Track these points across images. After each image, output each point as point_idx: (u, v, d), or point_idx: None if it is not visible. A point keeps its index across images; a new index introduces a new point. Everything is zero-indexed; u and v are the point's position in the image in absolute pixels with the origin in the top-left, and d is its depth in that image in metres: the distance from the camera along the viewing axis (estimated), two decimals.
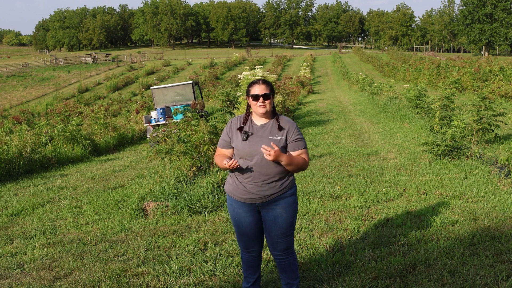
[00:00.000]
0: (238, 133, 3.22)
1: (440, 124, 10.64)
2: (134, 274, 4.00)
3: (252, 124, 3.23)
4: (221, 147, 3.32)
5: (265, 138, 3.15)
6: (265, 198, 3.17)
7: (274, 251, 3.33)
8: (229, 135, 3.27)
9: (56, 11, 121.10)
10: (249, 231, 3.30)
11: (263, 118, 3.23)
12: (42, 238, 5.22)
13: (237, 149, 3.20)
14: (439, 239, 4.42)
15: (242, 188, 3.19)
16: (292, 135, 3.18)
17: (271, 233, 3.25)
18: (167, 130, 8.55)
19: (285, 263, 3.33)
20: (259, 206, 3.23)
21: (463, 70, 24.99)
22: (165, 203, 5.91)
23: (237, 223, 3.31)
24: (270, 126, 3.20)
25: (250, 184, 3.16)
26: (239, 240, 3.39)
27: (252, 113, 3.27)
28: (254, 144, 3.14)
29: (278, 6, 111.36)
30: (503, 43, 72.66)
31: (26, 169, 9.71)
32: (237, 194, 3.22)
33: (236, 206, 3.27)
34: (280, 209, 3.20)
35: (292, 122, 3.24)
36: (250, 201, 3.20)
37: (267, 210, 3.22)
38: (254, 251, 3.38)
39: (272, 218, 3.22)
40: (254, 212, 3.26)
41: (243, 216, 3.26)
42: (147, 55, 78.13)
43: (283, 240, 3.26)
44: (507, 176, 6.52)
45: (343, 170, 7.71)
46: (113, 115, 25.13)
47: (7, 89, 51.12)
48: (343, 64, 51.70)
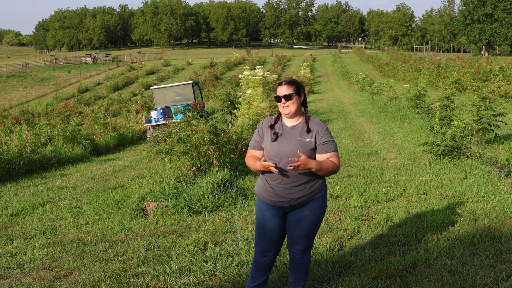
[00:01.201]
0: (268, 133, 3.19)
1: (440, 124, 10.64)
2: (134, 274, 4.00)
3: (282, 125, 3.21)
4: (253, 148, 3.28)
5: (294, 139, 3.12)
6: (293, 201, 3.15)
7: (291, 248, 3.32)
8: (260, 135, 3.24)
9: (56, 11, 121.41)
10: (272, 234, 3.26)
11: (292, 119, 3.20)
12: (42, 238, 5.22)
13: (266, 150, 3.18)
14: (439, 239, 4.42)
15: (270, 191, 3.16)
16: (321, 137, 3.15)
17: (294, 232, 3.24)
18: (167, 130, 8.54)
19: (299, 263, 3.33)
20: (287, 209, 3.21)
21: (463, 70, 24.98)
22: (165, 203, 5.91)
23: (261, 225, 3.28)
24: (300, 127, 3.17)
25: (278, 187, 3.13)
26: (258, 243, 3.34)
27: (282, 114, 3.26)
28: (282, 145, 3.11)
29: (278, 6, 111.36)
30: (503, 43, 72.68)
31: (26, 169, 9.71)
32: (266, 196, 3.20)
33: (264, 208, 3.24)
34: (307, 211, 3.18)
35: (322, 124, 3.21)
36: (278, 204, 3.18)
37: (294, 212, 3.21)
38: (269, 256, 3.34)
39: (297, 219, 3.20)
40: (281, 215, 3.23)
41: (269, 219, 3.23)
42: (147, 55, 78.14)
43: (304, 241, 3.26)
44: (507, 176, 6.53)
45: (343, 170, 7.71)
46: (113, 115, 25.15)
47: (7, 89, 51.12)
48: (343, 64, 51.67)
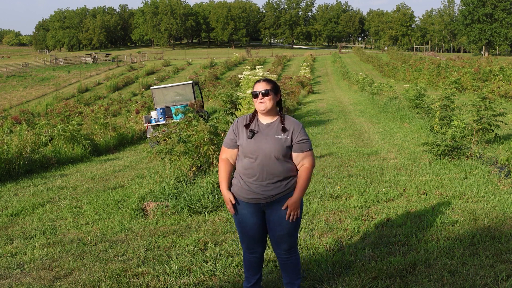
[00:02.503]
0: (244, 131, 3.20)
1: (440, 124, 10.64)
2: (134, 274, 4.00)
3: (258, 123, 3.22)
4: (227, 146, 3.30)
5: (271, 137, 3.14)
6: (270, 198, 3.15)
7: (277, 249, 3.33)
8: (235, 133, 3.25)
9: (56, 11, 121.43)
10: (253, 232, 3.28)
11: (268, 116, 3.21)
12: (42, 238, 5.22)
13: (242, 147, 3.19)
14: (439, 239, 4.41)
15: (246, 188, 3.17)
16: (297, 136, 3.15)
17: (275, 233, 3.24)
18: (167, 130, 8.55)
19: (287, 262, 3.33)
20: (264, 206, 3.21)
21: (463, 70, 24.98)
22: (165, 203, 5.91)
23: (240, 224, 3.29)
24: (276, 125, 3.19)
25: (255, 184, 3.14)
26: (242, 241, 3.37)
27: (258, 113, 3.27)
28: (259, 142, 3.13)
29: (278, 6, 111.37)
30: (503, 43, 72.68)
31: (26, 169, 9.71)
32: (242, 194, 3.20)
33: (241, 207, 3.25)
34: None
35: (298, 123, 3.21)
36: (255, 201, 3.18)
37: (272, 210, 3.20)
38: (256, 252, 3.37)
39: (277, 219, 3.20)
40: (259, 213, 3.24)
41: (248, 217, 3.24)
42: (147, 55, 78.13)
43: (287, 240, 3.26)
44: (507, 176, 6.52)
45: (343, 170, 7.70)
46: (113, 115, 25.15)
47: (7, 89, 51.12)
48: (343, 64, 51.67)
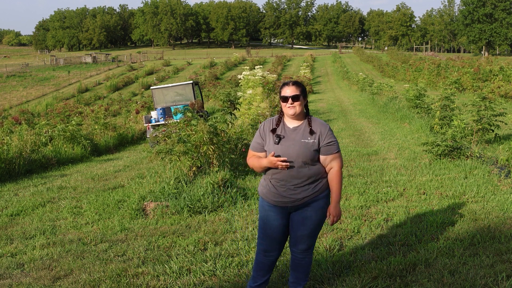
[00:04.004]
0: (270, 136, 3.16)
1: (440, 124, 10.64)
2: (134, 274, 4.00)
3: (284, 127, 3.17)
4: (254, 150, 3.25)
5: (297, 141, 3.09)
6: (298, 201, 3.14)
7: (294, 247, 3.32)
8: (263, 137, 3.20)
9: (56, 11, 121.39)
10: (275, 234, 3.26)
11: (294, 120, 3.17)
12: (42, 238, 5.22)
13: (269, 152, 3.14)
14: (439, 239, 4.42)
15: (274, 191, 3.15)
16: (324, 138, 3.11)
17: (297, 232, 3.24)
18: (167, 130, 8.54)
19: (300, 262, 3.33)
20: (291, 209, 3.20)
21: (463, 70, 24.98)
22: (165, 203, 5.91)
23: (264, 225, 3.27)
24: (302, 129, 3.14)
25: (283, 188, 3.12)
26: (261, 243, 3.33)
27: (284, 115, 3.22)
28: (286, 147, 3.08)
29: (278, 6, 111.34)
30: (503, 43, 72.68)
31: (26, 169, 9.70)
32: (270, 197, 3.18)
33: (267, 209, 3.23)
34: (310, 211, 3.17)
35: (325, 125, 3.17)
36: (282, 204, 3.16)
37: (298, 211, 3.20)
38: (272, 256, 3.33)
39: (300, 219, 3.20)
40: (284, 215, 3.23)
41: (273, 219, 3.22)
42: (147, 55, 78.12)
43: (307, 241, 3.26)
44: (507, 176, 6.52)
45: (343, 170, 7.69)
46: (113, 115, 25.16)
47: (7, 89, 51.12)
48: (343, 64, 51.66)
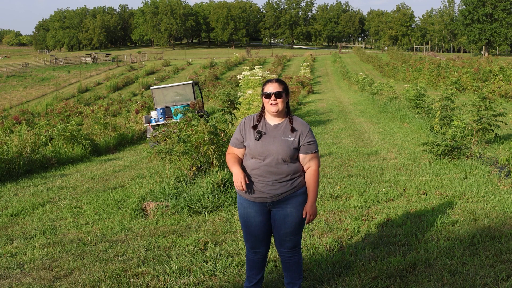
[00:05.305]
0: (251, 132, 3.19)
1: (440, 124, 10.64)
2: (134, 274, 4.00)
3: (265, 124, 3.20)
4: (234, 145, 3.29)
5: (278, 138, 3.13)
6: (276, 197, 3.15)
7: (280, 248, 3.33)
8: (242, 134, 3.24)
9: (56, 11, 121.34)
10: (258, 231, 3.28)
11: (276, 117, 3.20)
12: (42, 238, 5.22)
13: (249, 148, 3.17)
14: (439, 239, 4.42)
15: (253, 187, 3.17)
16: (305, 137, 3.15)
17: (280, 231, 3.24)
18: (167, 130, 8.54)
19: (290, 261, 3.33)
20: (270, 205, 3.21)
21: (463, 70, 24.99)
22: (165, 203, 5.91)
23: (246, 223, 3.29)
24: (283, 126, 3.17)
25: (261, 183, 3.14)
26: (246, 240, 3.37)
27: (265, 113, 3.24)
28: (266, 144, 3.12)
29: (278, 6, 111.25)
30: (503, 43, 72.62)
31: (26, 169, 9.70)
32: (248, 193, 3.20)
33: (246, 206, 3.25)
34: (290, 208, 3.19)
35: (305, 125, 3.21)
36: (261, 200, 3.18)
37: (277, 209, 3.21)
38: (260, 252, 3.36)
39: (282, 217, 3.21)
40: (264, 212, 3.24)
41: (253, 216, 3.24)
42: (147, 55, 78.09)
43: (291, 239, 3.26)
44: (507, 176, 6.52)
45: (343, 170, 7.71)
46: (113, 115, 25.13)
47: (7, 89, 51.10)
48: (343, 64, 51.66)
